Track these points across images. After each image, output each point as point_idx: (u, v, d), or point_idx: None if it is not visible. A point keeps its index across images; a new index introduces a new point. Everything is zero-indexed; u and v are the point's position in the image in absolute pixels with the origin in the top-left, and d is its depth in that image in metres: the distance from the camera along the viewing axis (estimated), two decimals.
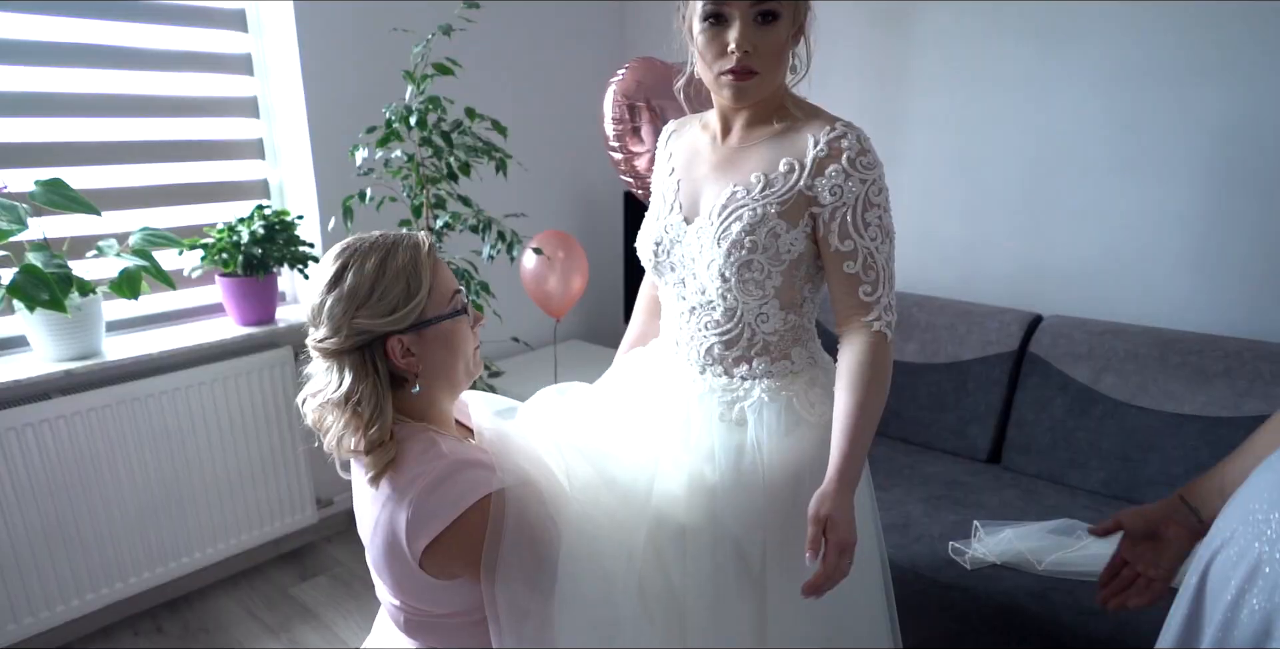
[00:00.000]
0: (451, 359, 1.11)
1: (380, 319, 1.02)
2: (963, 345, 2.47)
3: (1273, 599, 0.82)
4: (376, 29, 2.49)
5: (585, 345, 3.29)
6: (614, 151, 2.51)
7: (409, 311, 1.04)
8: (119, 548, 2.20)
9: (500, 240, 2.22)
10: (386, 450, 1.04)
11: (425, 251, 1.07)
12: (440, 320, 1.08)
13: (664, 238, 1.36)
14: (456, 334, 1.11)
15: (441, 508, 1.00)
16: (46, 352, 2.06)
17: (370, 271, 1.03)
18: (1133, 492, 2.16)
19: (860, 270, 1.22)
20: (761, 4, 1.16)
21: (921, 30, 2.61)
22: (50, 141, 2.12)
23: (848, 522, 1.14)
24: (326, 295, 1.03)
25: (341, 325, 1.02)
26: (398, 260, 1.04)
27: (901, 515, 2.11)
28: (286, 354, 2.44)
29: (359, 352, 1.04)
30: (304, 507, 2.60)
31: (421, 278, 1.05)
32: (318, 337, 1.04)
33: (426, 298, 1.05)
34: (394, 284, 1.03)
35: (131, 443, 2.18)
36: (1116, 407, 2.19)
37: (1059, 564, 1.84)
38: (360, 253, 1.05)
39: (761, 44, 1.18)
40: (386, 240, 1.07)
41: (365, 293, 1.02)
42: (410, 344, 1.05)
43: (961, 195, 2.66)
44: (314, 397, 1.08)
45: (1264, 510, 0.86)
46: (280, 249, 2.32)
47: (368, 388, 1.03)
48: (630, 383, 1.50)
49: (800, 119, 1.26)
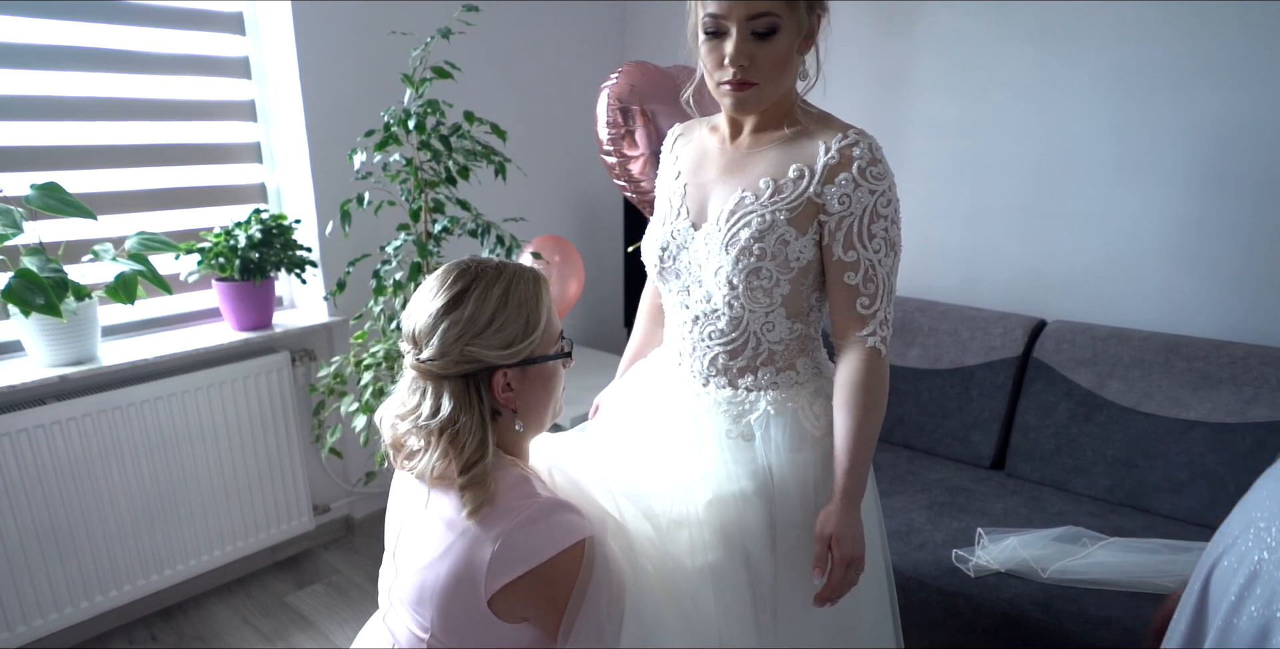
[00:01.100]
0: (546, 399, 1.10)
1: (494, 351, 1.01)
2: (966, 351, 2.45)
3: (1270, 606, 0.82)
4: (375, 32, 2.48)
5: (585, 351, 3.27)
6: (608, 156, 2.49)
7: (523, 347, 1.03)
8: (113, 555, 2.18)
9: (499, 245, 2.20)
10: (487, 485, 1.01)
11: (545, 287, 1.07)
12: (547, 360, 1.07)
13: (670, 243, 1.34)
14: (555, 377, 1.10)
15: (534, 547, 0.97)
16: (42, 357, 2.04)
17: (493, 302, 1.01)
18: (1138, 499, 2.14)
19: (860, 282, 1.21)
20: (758, 19, 1.14)
21: (923, 34, 2.60)
22: (46, 145, 2.11)
23: (853, 537, 1.16)
24: (443, 317, 1.01)
25: (451, 350, 1.00)
26: (521, 293, 1.03)
27: (904, 523, 2.09)
28: (283, 359, 2.42)
29: (463, 379, 1.02)
30: (300, 513, 2.58)
31: (540, 315, 1.04)
32: (423, 356, 1.01)
33: (541, 337, 1.05)
34: (515, 317, 1.02)
35: (126, 449, 2.16)
36: (1121, 412, 2.17)
37: (1064, 572, 1.83)
38: (485, 278, 1.03)
39: (759, 56, 1.16)
40: (509, 270, 1.05)
41: (485, 322, 1.00)
42: (513, 379, 1.04)
43: (964, 199, 2.64)
44: (401, 418, 1.06)
45: (1266, 519, 0.85)
46: (277, 253, 2.30)
47: (473, 419, 1.01)
48: (636, 405, 1.48)
49: (812, 125, 1.24)
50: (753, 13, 1.13)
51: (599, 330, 3.58)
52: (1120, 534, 1.97)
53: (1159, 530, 2.02)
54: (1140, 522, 2.07)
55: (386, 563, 1.15)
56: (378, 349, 2.24)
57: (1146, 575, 1.80)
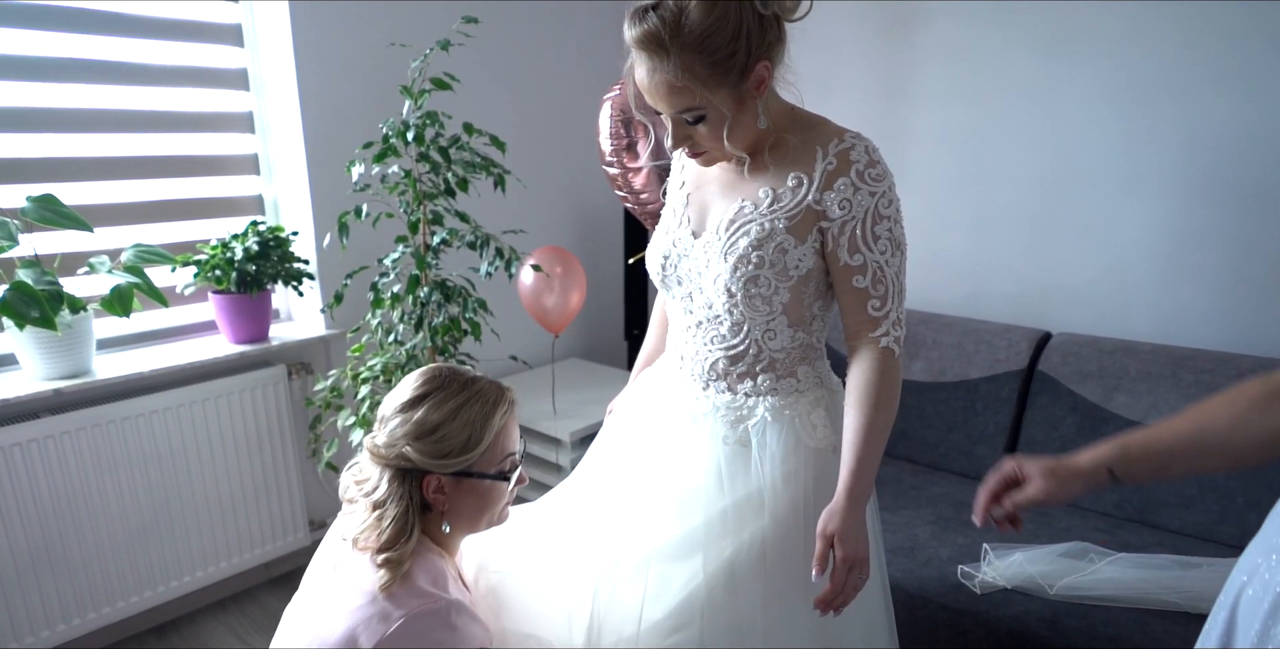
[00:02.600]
0: (478, 512, 1.17)
1: (429, 459, 1.09)
2: (970, 364, 2.42)
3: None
4: (374, 44, 2.47)
5: (584, 363, 3.25)
6: (610, 167, 2.48)
7: (457, 462, 1.10)
8: (106, 571, 2.15)
9: (498, 257, 2.19)
10: (400, 568, 1.07)
11: (503, 410, 1.14)
12: (481, 478, 1.14)
13: (672, 252, 1.35)
14: (492, 493, 1.16)
15: (430, 640, 1.03)
16: (36, 370, 2.02)
17: (442, 413, 1.09)
18: (1146, 514, 2.11)
19: (869, 285, 1.20)
20: (683, 112, 1.16)
21: (926, 42, 2.59)
22: (44, 157, 2.10)
23: (856, 538, 1.15)
24: (399, 413, 1.11)
25: (396, 444, 1.09)
26: (471, 411, 1.10)
27: (909, 538, 2.06)
28: (280, 373, 2.40)
29: (401, 472, 1.10)
30: (296, 528, 2.55)
31: (484, 435, 1.11)
32: (377, 440, 1.11)
33: (480, 456, 1.12)
34: (458, 433, 1.09)
35: (121, 463, 2.14)
36: (1128, 426, 2.14)
37: (1071, 589, 1.80)
38: (444, 389, 1.11)
39: (697, 135, 1.20)
40: (475, 387, 1.13)
41: (428, 430, 1.09)
42: (446, 485, 1.11)
43: (968, 211, 2.62)
44: (355, 481, 1.15)
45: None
46: (274, 266, 2.29)
47: (399, 509, 1.09)
48: (640, 411, 1.49)
49: (807, 133, 1.23)
50: (674, 108, 1.16)
51: (599, 342, 3.56)
52: (1128, 550, 1.94)
53: (1167, 546, 1.99)
54: (1148, 537, 2.04)
55: (294, 601, 1.20)
56: (375, 362, 2.22)
57: (1155, 592, 1.77)
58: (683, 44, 1.08)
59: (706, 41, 1.07)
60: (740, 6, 1.07)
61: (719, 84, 1.11)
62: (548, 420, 2.61)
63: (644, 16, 1.09)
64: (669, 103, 1.15)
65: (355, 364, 2.28)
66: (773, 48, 1.13)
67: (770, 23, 1.11)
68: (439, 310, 2.24)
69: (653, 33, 1.08)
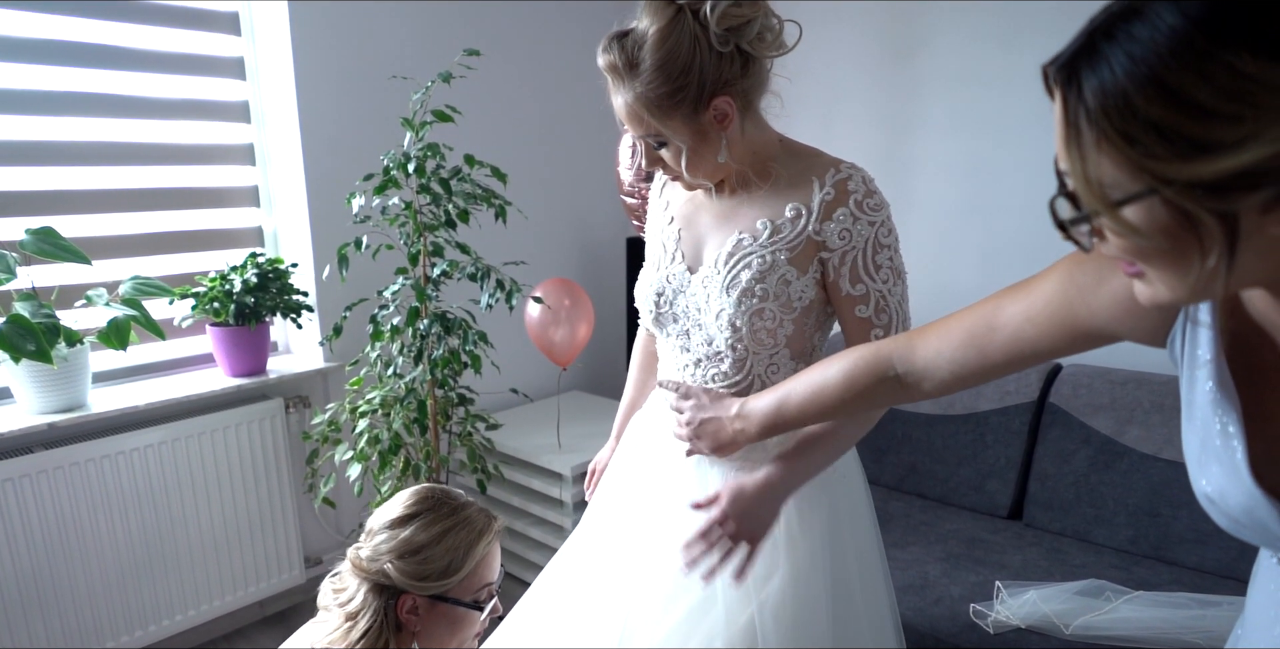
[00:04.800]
0: (447, 638, 1.17)
1: (409, 579, 1.10)
2: (979, 396, 2.38)
3: None
4: (375, 76, 2.48)
5: (587, 396, 3.21)
6: (629, 197, 2.48)
7: (435, 585, 1.12)
8: (97, 609, 2.11)
9: (499, 289, 2.17)
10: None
11: (487, 540, 1.16)
12: (455, 604, 1.15)
13: (666, 288, 1.32)
14: (464, 621, 1.17)
15: None
16: (31, 404, 2.00)
17: (429, 535, 1.11)
18: (1162, 550, 2.05)
19: (873, 314, 1.19)
20: (647, 136, 1.18)
21: (929, 72, 2.59)
22: (43, 190, 2.09)
23: (760, 514, 1.14)
24: (387, 529, 1.13)
25: (379, 559, 1.11)
26: (457, 537, 1.13)
27: (919, 576, 2.01)
28: (277, 406, 2.37)
29: (379, 587, 1.12)
30: (292, 566, 2.50)
31: (465, 563, 1.13)
32: (361, 552, 1.13)
33: (458, 582, 1.13)
34: (440, 557, 1.11)
35: (114, 498, 2.10)
36: (1142, 459, 2.09)
37: (1087, 628, 1.75)
38: (434, 512, 1.14)
39: (664, 159, 1.21)
40: (464, 513, 1.16)
41: (413, 550, 1.11)
42: (421, 607, 1.13)
43: (975, 241, 2.60)
44: (334, 590, 1.17)
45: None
46: (273, 298, 2.27)
47: (371, 623, 1.10)
48: (633, 473, 1.46)
49: (799, 163, 1.22)
50: (637, 132, 1.18)
51: (601, 375, 3.53)
52: (1145, 587, 1.89)
53: (1186, 583, 1.93)
54: (1166, 574, 1.98)
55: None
56: (374, 396, 2.19)
57: (1174, 631, 1.72)
58: (634, 74, 1.11)
59: (657, 73, 1.10)
60: (695, 42, 1.08)
61: (669, 115, 1.13)
62: (550, 454, 2.57)
63: (609, 45, 1.13)
64: (632, 127, 1.18)
65: (353, 397, 2.25)
66: (732, 83, 1.12)
67: (730, 59, 1.10)
68: (439, 343, 2.22)
69: (612, 62, 1.12)
